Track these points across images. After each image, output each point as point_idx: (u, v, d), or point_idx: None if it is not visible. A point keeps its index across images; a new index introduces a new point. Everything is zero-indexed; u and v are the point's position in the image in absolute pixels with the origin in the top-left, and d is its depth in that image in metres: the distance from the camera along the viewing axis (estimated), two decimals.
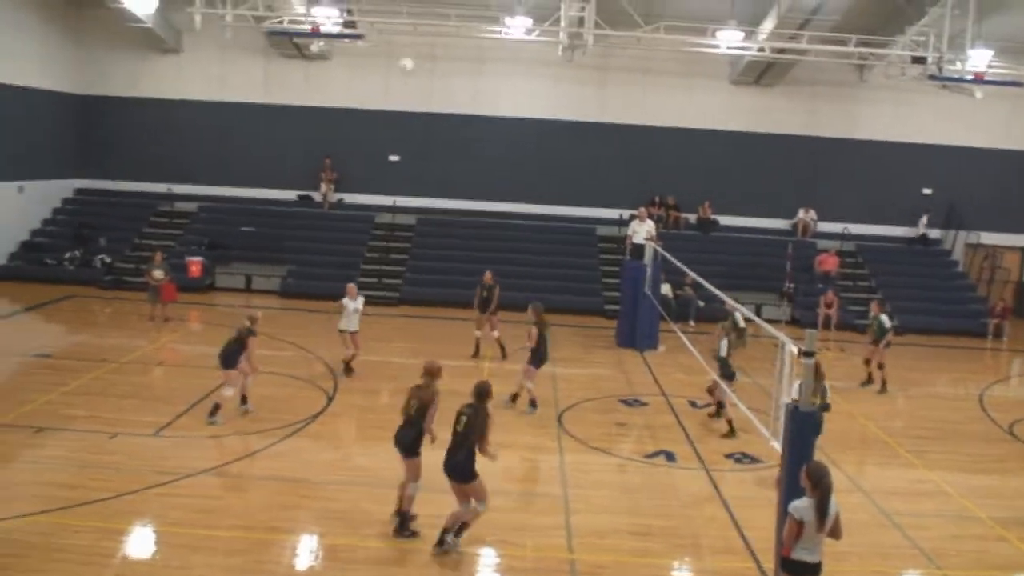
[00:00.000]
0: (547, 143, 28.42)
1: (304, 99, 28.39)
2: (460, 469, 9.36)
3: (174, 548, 9.37)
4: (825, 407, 11.88)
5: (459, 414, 9.56)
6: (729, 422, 14.39)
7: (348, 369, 16.88)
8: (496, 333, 18.79)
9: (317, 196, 28.51)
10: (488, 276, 18.96)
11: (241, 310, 23.42)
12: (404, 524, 9.94)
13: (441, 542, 9.58)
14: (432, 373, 9.94)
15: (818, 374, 11.93)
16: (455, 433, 9.46)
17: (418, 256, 26.90)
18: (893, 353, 18.64)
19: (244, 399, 14.07)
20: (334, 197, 28.53)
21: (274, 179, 28.43)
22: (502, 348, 18.74)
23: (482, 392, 9.62)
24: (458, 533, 9.64)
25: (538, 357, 15.09)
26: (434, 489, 10.02)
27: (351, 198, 28.67)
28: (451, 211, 28.36)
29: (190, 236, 27.09)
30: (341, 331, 16.84)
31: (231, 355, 13.60)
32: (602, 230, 27.95)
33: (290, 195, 28.63)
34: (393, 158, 28.63)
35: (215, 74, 28.23)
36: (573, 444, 13.56)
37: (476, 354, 18.76)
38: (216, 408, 13.58)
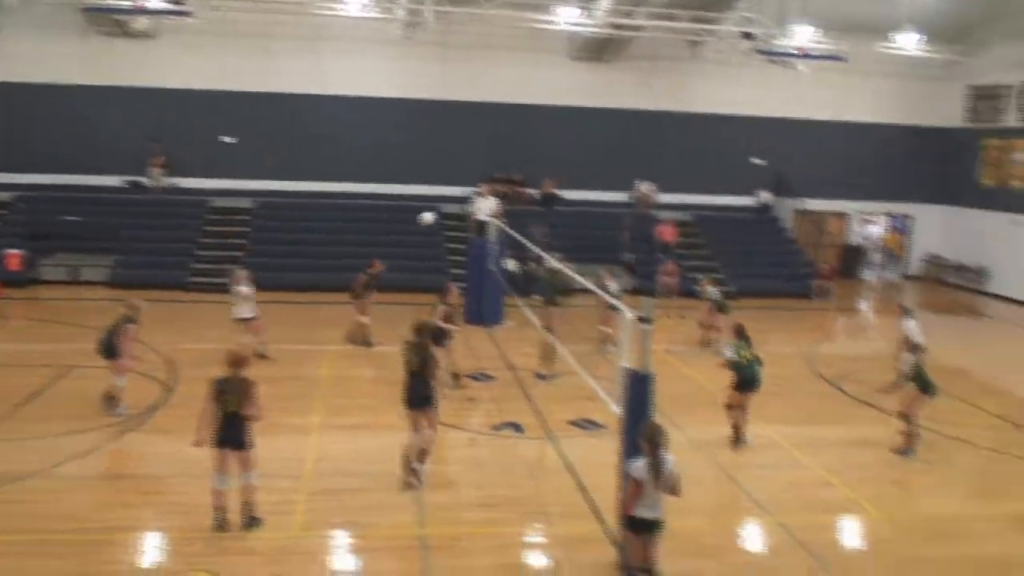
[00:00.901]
0: (389, 122, 28.28)
1: (130, 79, 27.15)
2: (420, 399, 10.83)
3: (5, 557, 8.98)
4: (758, 360, 13.22)
5: (407, 354, 10.90)
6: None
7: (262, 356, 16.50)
8: (367, 319, 18.54)
9: (147, 181, 27.44)
10: (378, 265, 18.73)
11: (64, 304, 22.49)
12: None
13: (413, 472, 10.83)
14: (237, 364, 9.69)
15: (743, 336, 13.20)
16: (410, 372, 10.84)
17: (257, 240, 26.32)
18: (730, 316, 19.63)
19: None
20: (165, 182, 27.53)
21: (100, 165, 27.13)
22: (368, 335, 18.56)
23: (422, 328, 11.06)
24: (421, 461, 10.94)
25: None
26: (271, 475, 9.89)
27: (184, 182, 27.74)
28: (291, 193, 27.86)
29: (7, 227, 25.58)
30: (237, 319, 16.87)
31: (111, 345, 13.21)
32: (447, 208, 28.07)
33: (117, 181, 27.44)
34: (227, 140, 27.84)
35: (31, 53, 26.61)
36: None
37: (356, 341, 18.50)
38: (112, 400, 13.28)
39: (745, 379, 13.15)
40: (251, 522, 9.68)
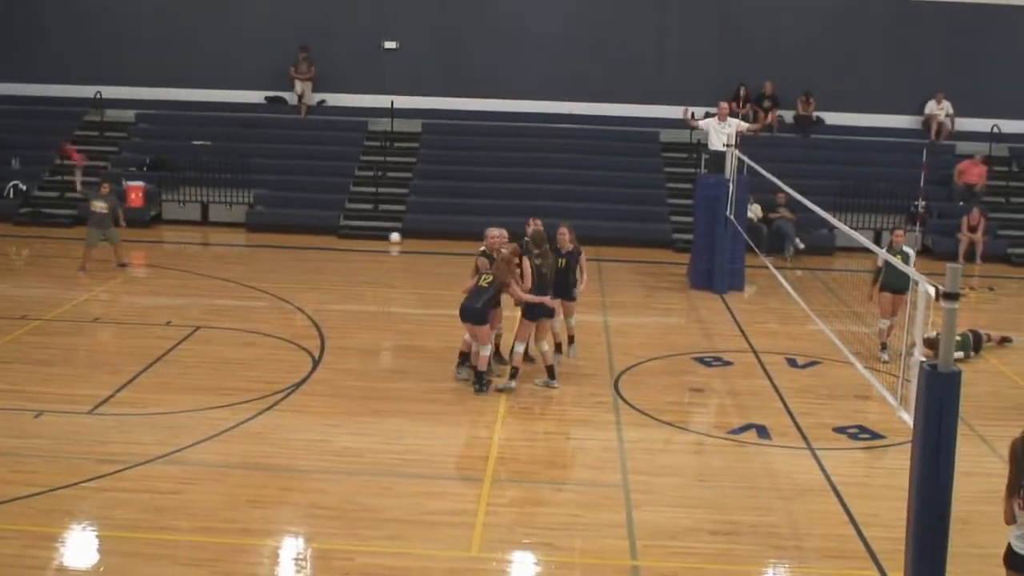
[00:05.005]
0: (594, 22, 28.17)
1: None
2: (477, 315, 13.56)
3: (121, 556, 9.55)
4: None
5: (481, 272, 13.98)
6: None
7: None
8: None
9: (291, 98, 28.49)
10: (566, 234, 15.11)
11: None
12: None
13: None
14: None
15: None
16: (478, 286, 13.77)
17: (426, 174, 26.87)
18: None
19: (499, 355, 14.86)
20: (313, 99, 28.49)
21: (234, 77, 28.38)
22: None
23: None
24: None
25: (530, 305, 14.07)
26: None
27: (335, 99, 28.64)
28: (468, 113, 28.26)
29: (127, 153, 27.20)
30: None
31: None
32: (668, 134, 27.76)
33: (255, 97, 28.64)
34: (389, 45, 28.47)
35: None
36: (634, 417, 13.64)
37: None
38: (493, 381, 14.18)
39: None
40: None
